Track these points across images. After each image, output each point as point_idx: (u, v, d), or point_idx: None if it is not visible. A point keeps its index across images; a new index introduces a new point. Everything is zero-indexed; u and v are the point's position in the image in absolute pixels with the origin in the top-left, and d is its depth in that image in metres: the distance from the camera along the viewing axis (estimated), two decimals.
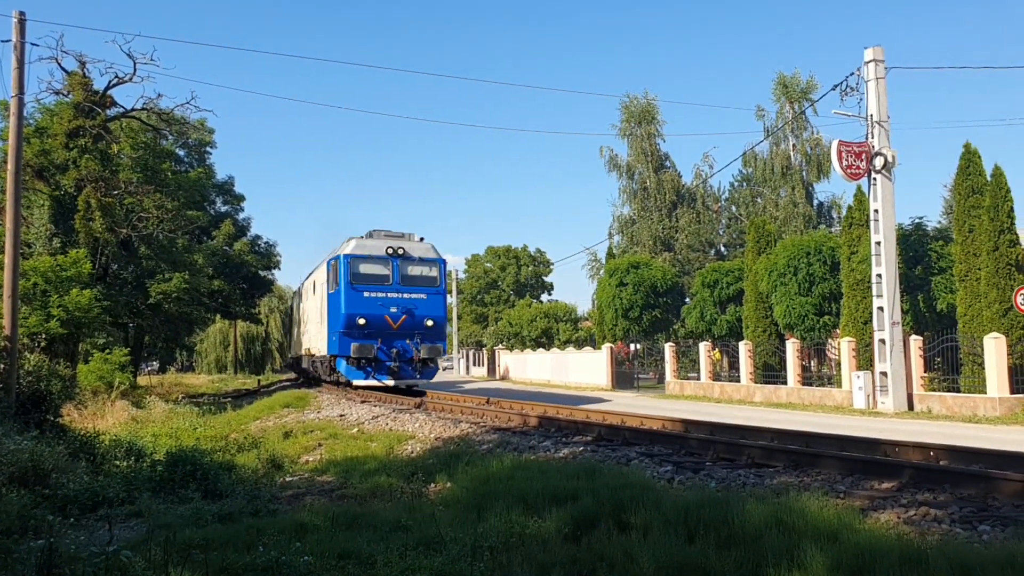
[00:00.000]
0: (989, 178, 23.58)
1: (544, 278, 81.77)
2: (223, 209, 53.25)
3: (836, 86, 24.99)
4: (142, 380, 50.70)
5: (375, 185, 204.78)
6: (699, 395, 31.39)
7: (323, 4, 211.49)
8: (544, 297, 78.74)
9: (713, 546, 6.04)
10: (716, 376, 32.62)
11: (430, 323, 25.96)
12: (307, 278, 38.12)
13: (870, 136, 24.20)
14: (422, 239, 27.64)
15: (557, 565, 5.95)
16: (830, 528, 6.24)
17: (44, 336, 26.92)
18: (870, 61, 24.27)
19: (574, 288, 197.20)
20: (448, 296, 35.18)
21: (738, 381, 30.91)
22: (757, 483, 8.68)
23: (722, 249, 55.11)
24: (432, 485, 10.24)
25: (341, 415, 21.18)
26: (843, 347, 26.64)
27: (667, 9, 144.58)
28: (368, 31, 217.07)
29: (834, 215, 52.61)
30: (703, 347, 32.89)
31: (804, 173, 51.86)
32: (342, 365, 26.29)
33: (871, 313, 24.56)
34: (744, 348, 30.56)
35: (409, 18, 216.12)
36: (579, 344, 50.56)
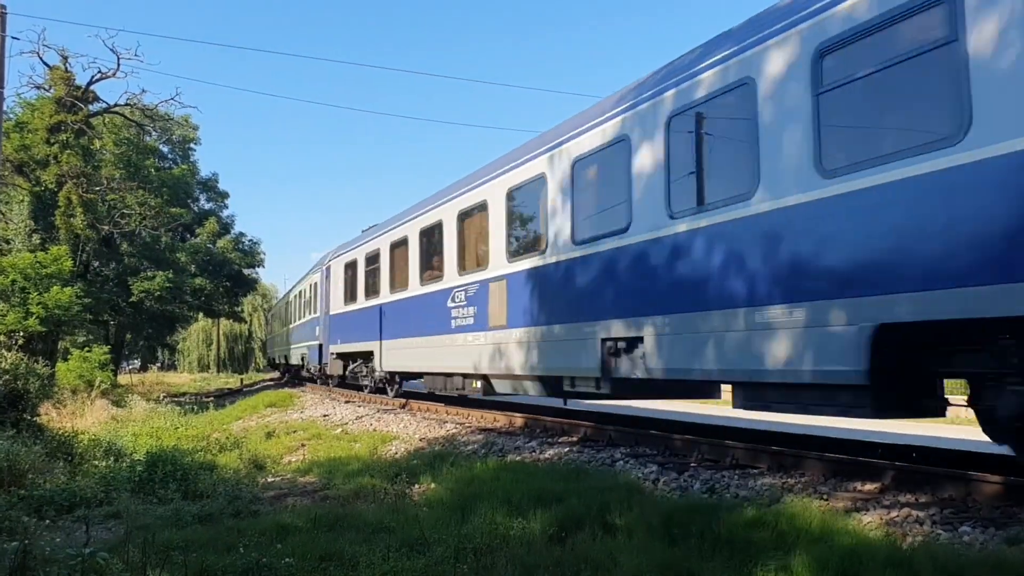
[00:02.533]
0: None
1: None
2: (207, 206, 53.13)
3: None
4: (123, 379, 50.45)
5: (362, 186, 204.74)
6: None
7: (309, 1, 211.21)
8: None
9: (697, 548, 6.04)
10: None
11: None
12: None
13: None
14: None
15: (541, 567, 5.92)
16: (815, 530, 6.26)
17: (22, 334, 26.69)
18: None
19: None
20: None
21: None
22: (741, 484, 8.69)
23: None
24: (416, 486, 10.19)
25: (325, 415, 21.08)
26: None
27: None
28: (353, 28, 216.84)
29: None
30: None
31: None
32: None
33: None
34: None
35: (395, 14, 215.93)
36: None
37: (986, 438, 7.57)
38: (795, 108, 8.32)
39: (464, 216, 16.25)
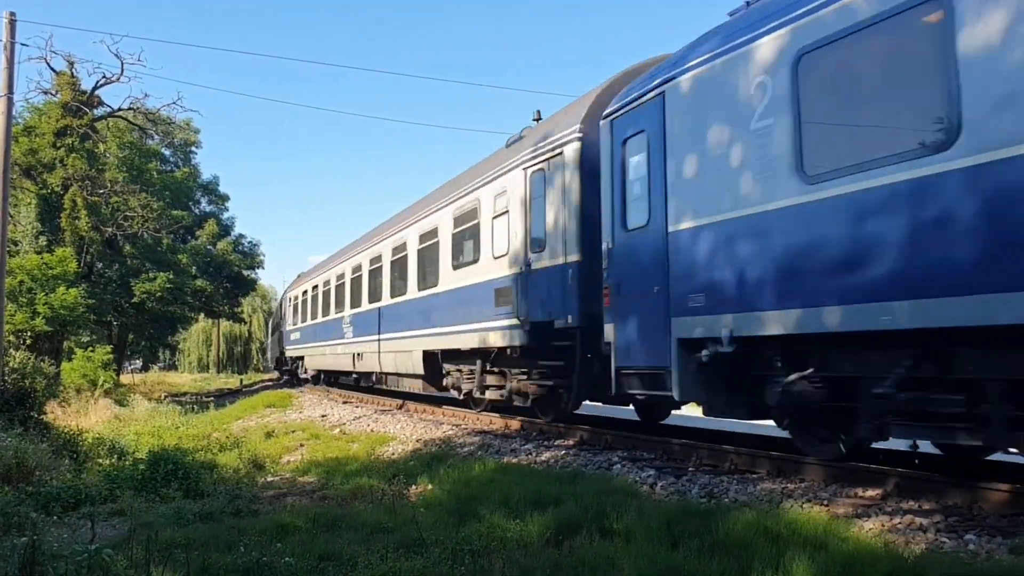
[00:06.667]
0: None
1: None
2: (207, 209, 53.30)
3: None
4: (125, 378, 50.53)
5: (361, 184, 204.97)
6: None
7: (309, 6, 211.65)
8: None
9: (696, 553, 6.01)
10: None
11: None
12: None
13: None
14: None
15: (539, 570, 5.93)
16: (815, 536, 6.23)
17: (29, 334, 26.89)
18: None
19: None
20: None
21: None
22: (740, 490, 8.65)
23: None
24: (413, 487, 10.23)
25: (323, 415, 21.14)
26: None
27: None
28: (355, 33, 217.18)
29: None
30: None
31: None
32: None
33: None
34: None
35: (394, 19, 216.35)
36: None
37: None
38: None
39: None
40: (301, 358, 37.75)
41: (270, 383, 49.57)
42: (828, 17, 7.82)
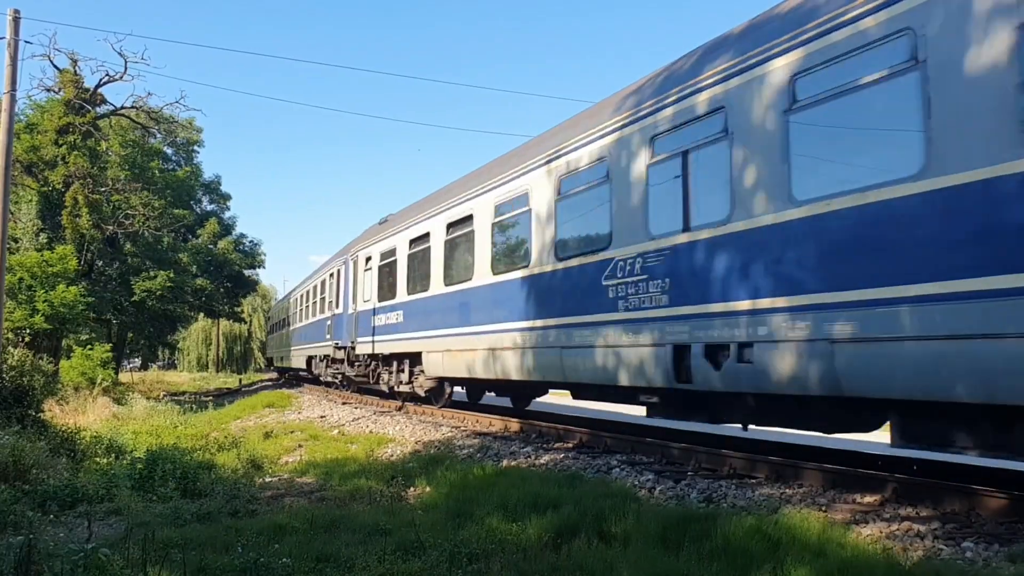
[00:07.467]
0: None
1: None
2: (209, 208, 53.35)
3: None
4: (124, 377, 50.51)
5: (361, 185, 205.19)
6: None
7: (312, 5, 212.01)
8: None
9: (695, 558, 6.01)
10: None
11: None
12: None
13: None
14: None
15: (536, 574, 5.92)
16: (814, 542, 6.22)
17: (28, 331, 26.91)
18: None
19: None
20: None
21: None
22: (739, 494, 8.65)
23: None
24: (412, 489, 10.22)
25: (322, 416, 21.12)
26: None
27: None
28: (357, 33, 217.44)
29: None
30: None
31: None
32: None
33: None
34: None
35: (397, 19, 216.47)
36: None
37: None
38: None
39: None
40: (402, 356, 20.29)
41: (269, 383, 49.57)
42: None
